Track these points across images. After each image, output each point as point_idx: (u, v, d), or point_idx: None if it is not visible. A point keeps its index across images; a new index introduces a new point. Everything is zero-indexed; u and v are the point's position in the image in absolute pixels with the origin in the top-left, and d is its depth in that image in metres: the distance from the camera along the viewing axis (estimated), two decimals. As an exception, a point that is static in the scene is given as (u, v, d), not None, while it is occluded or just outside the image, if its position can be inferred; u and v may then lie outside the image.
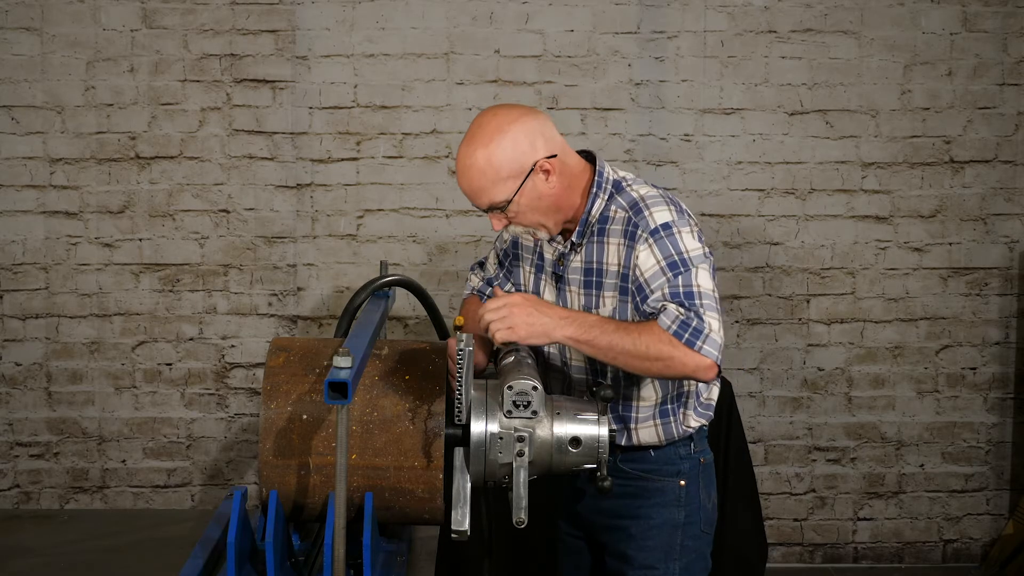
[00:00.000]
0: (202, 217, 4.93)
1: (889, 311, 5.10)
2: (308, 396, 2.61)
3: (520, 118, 2.67)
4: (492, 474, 2.58)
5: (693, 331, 2.56)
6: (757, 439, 5.11)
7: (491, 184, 2.65)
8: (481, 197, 2.68)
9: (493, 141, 2.63)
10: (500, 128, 2.64)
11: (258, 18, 4.87)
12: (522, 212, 2.70)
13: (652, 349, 2.57)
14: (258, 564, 2.58)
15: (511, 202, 2.67)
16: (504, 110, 2.71)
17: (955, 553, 5.21)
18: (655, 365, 2.58)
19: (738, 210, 5.05)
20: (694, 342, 2.56)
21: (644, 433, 2.82)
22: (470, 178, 2.66)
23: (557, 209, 2.73)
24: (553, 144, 2.69)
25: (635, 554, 2.82)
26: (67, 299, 4.94)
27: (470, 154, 2.65)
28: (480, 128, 2.67)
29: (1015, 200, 5.08)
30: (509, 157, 2.63)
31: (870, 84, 5.00)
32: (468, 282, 3.15)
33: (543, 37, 4.94)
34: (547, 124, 2.71)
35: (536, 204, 2.69)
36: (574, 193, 2.75)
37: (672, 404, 2.82)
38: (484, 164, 2.63)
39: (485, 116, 2.70)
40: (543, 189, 2.68)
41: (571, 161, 2.76)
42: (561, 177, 2.70)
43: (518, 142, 2.64)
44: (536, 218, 2.72)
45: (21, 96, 4.86)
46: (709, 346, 2.57)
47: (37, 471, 4.99)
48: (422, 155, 4.96)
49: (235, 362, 5.00)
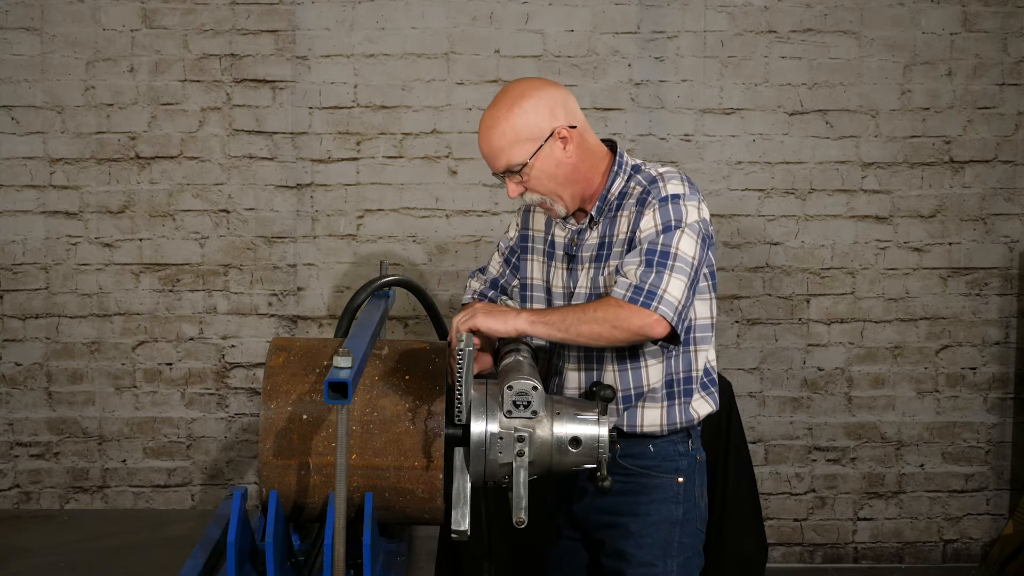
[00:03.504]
0: (202, 217, 4.93)
1: (889, 311, 5.11)
2: (308, 396, 2.61)
3: (543, 87, 2.79)
4: (492, 474, 2.58)
5: (647, 294, 2.62)
6: (757, 439, 5.11)
7: (509, 144, 2.74)
8: (500, 158, 2.76)
9: (516, 104, 2.75)
10: (523, 94, 2.76)
11: (258, 18, 4.87)
12: (537, 178, 2.77)
13: (600, 311, 2.64)
14: (258, 564, 2.58)
15: (527, 165, 2.75)
16: (530, 79, 2.85)
17: (955, 553, 5.21)
18: (604, 328, 2.63)
19: (738, 210, 5.05)
20: (648, 303, 2.61)
21: (649, 415, 2.83)
22: (490, 139, 2.76)
23: (574, 181, 2.80)
24: (574, 117, 2.79)
25: (633, 551, 2.83)
26: (67, 299, 4.94)
27: (492, 115, 2.76)
28: (504, 94, 2.79)
29: (1015, 200, 5.08)
30: (530, 120, 2.74)
31: (870, 84, 5.00)
32: (468, 288, 3.17)
33: (543, 37, 4.94)
34: (570, 99, 2.81)
35: (553, 172, 2.77)
36: (593, 171, 2.83)
37: (678, 387, 2.83)
38: (504, 125, 2.74)
39: (511, 84, 2.83)
40: (560, 156, 2.76)
41: (591, 140, 2.85)
42: (579, 150, 2.79)
43: (539, 107, 2.75)
44: (552, 186, 2.79)
45: (21, 96, 4.86)
46: (663, 306, 2.61)
47: (37, 471, 4.99)
48: (422, 155, 4.96)
49: (235, 362, 5.00)
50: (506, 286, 3.09)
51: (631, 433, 2.83)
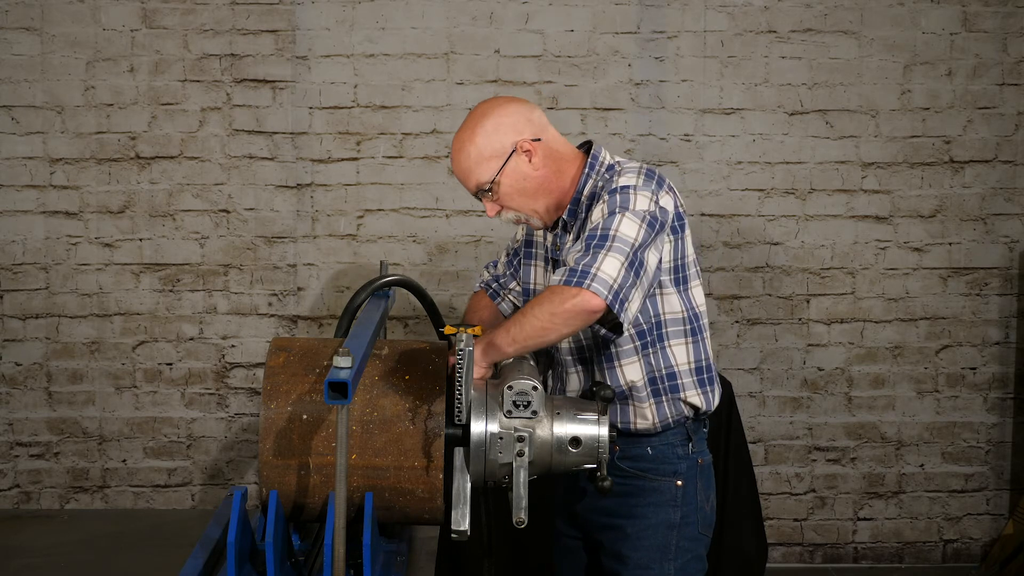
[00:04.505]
0: (202, 217, 4.93)
1: (889, 311, 5.11)
2: (308, 396, 2.61)
3: (504, 104, 2.83)
4: (492, 474, 2.59)
5: (580, 274, 2.60)
6: (757, 439, 5.11)
7: (475, 164, 2.79)
8: (469, 179, 2.81)
9: (478, 125, 2.79)
10: (484, 113, 2.81)
11: (258, 18, 4.87)
12: (508, 194, 2.80)
13: (536, 305, 2.63)
14: (258, 564, 2.58)
15: (495, 182, 2.78)
16: (494, 99, 2.89)
17: (955, 553, 5.21)
18: (544, 319, 2.60)
19: (738, 210, 5.05)
20: (581, 282, 2.59)
21: (639, 413, 2.82)
22: (459, 162, 2.82)
23: (546, 192, 2.82)
24: (538, 129, 2.81)
25: (630, 554, 2.82)
26: (67, 299, 4.94)
27: (458, 139, 2.82)
28: (469, 117, 2.84)
29: (1015, 200, 5.08)
30: (491, 139, 2.78)
31: (870, 84, 5.00)
32: (480, 276, 3.23)
33: (543, 37, 4.94)
34: (535, 112, 2.84)
35: (522, 186, 2.80)
36: (563, 178, 2.84)
37: (662, 384, 2.82)
38: (469, 147, 2.79)
39: (476, 106, 2.87)
40: (526, 170, 2.79)
41: (560, 147, 2.85)
42: (547, 160, 2.81)
43: (500, 124, 2.78)
44: (524, 202, 2.82)
45: (21, 96, 4.86)
46: (595, 283, 2.58)
47: (37, 471, 4.99)
48: (422, 155, 4.96)
49: (235, 362, 5.00)
50: (505, 285, 3.12)
51: (627, 432, 2.83)
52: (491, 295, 3.15)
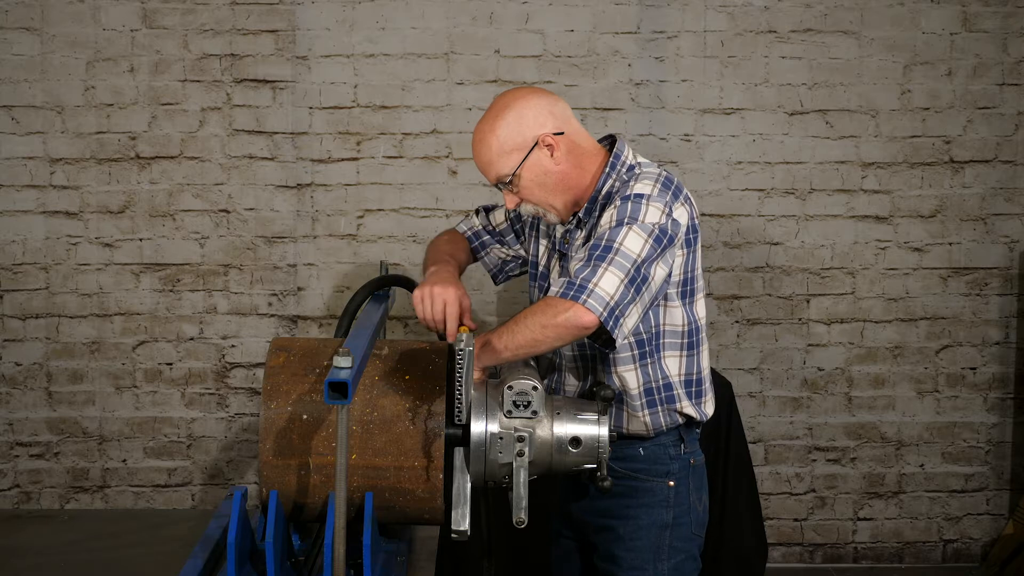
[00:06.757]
0: (202, 217, 4.93)
1: (889, 311, 5.11)
2: (308, 396, 2.61)
3: (528, 96, 2.79)
4: (492, 474, 2.59)
5: (577, 288, 2.57)
6: (757, 439, 5.11)
7: (496, 156, 2.75)
8: (489, 170, 2.78)
9: (500, 116, 2.76)
10: (507, 104, 2.77)
11: (258, 18, 4.87)
12: (528, 187, 2.77)
13: (528, 316, 2.60)
14: (258, 564, 2.58)
15: (516, 175, 2.75)
16: (517, 89, 2.84)
17: (955, 553, 5.21)
18: (535, 330, 2.58)
19: (738, 210, 5.05)
20: (578, 297, 2.56)
21: (633, 420, 2.82)
22: (479, 152, 2.78)
23: (565, 188, 2.79)
24: (562, 123, 2.78)
25: (623, 555, 2.82)
26: (67, 299, 4.94)
27: (479, 129, 2.78)
28: (491, 107, 2.80)
29: (1015, 200, 5.08)
30: (513, 131, 2.74)
31: (870, 84, 5.00)
32: (467, 218, 3.18)
33: (543, 37, 4.94)
34: (557, 104, 2.80)
35: (542, 180, 2.77)
36: (584, 174, 2.80)
37: (658, 395, 2.81)
38: (490, 138, 2.75)
39: (499, 96, 2.83)
40: (547, 165, 2.76)
41: (582, 142, 2.82)
42: (568, 155, 2.77)
43: (523, 117, 2.75)
44: (543, 196, 2.78)
45: (21, 96, 4.86)
46: (592, 300, 2.55)
47: (37, 471, 4.99)
48: (422, 155, 4.96)
49: (235, 362, 5.00)
50: (488, 244, 3.11)
51: (619, 434, 2.83)
52: (474, 248, 3.12)
